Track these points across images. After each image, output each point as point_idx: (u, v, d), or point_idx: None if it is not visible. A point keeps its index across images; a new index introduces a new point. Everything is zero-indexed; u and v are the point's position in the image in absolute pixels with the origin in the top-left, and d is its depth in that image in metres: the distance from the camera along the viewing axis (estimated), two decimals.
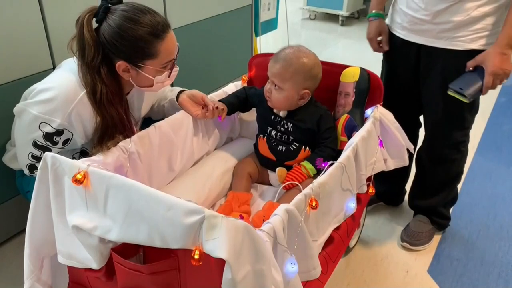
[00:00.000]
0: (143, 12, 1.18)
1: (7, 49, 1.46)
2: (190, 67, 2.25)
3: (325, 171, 1.15)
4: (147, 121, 1.48)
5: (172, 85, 1.59)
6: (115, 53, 1.19)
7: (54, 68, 1.61)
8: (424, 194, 1.76)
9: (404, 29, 1.53)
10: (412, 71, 1.58)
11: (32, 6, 1.49)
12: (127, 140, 1.22)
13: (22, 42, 1.50)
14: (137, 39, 1.16)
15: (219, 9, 2.43)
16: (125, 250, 0.94)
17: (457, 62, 1.45)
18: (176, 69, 1.31)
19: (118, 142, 1.19)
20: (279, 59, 1.37)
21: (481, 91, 1.37)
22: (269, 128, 1.46)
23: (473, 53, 1.42)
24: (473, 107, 1.56)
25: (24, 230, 1.05)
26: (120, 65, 1.20)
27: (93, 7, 1.20)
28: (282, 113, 1.43)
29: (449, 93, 1.40)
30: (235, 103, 1.52)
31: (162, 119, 1.36)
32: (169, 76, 1.27)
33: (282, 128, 1.44)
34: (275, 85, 1.38)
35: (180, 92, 1.47)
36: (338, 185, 1.19)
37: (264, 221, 1.14)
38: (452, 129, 1.58)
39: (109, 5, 1.19)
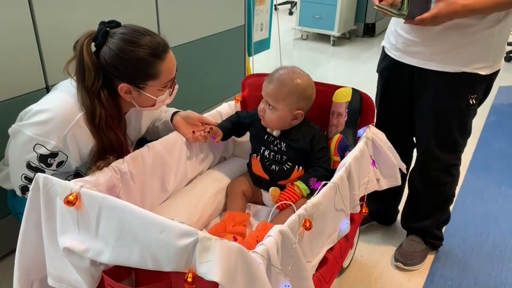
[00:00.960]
0: (143, 34, 1.20)
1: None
2: (183, 86, 2.24)
3: (319, 191, 1.15)
4: (142, 141, 1.48)
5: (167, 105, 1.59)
6: (117, 75, 1.19)
7: (47, 87, 1.61)
8: (416, 216, 1.76)
9: (398, 50, 1.55)
10: (406, 92, 1.59)
11: (25, 24, 1.49)
12: (120, 160, 1.21)
13: (14, 61, 1.49)
14: (139, 61, 1.18)
15: (213, 29, 2.46)
16: (117, 272, 0.93)
17: (449, 84, 1.46)
18: (176, 87, 1.33)
19: (110, 163, 1.18)
20: (273, 80, 1.39)
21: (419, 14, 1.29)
22: (263, 148, 1.46)
23: (463, 76, 1.43)
24: (466, 130, 1.56)
25: (14, 251, 1.03)
26: (123, 87, 1.20)
27: (92, 31, 1.20)
28: (275, 133, 1.44)
29: (375, 7, 1.32)
30: (229, 127, 1.52)
31: (156, 140, 1.36)
32: (170, 95, 1.29)
33: (275, 148, 1.44)
34: (269, 105, 1.39)
35: (175, 113, 1.47)
36: (331, 206, 1.19)
37: (257, 242, 1.13)
38: (444, 151, 1.58)
39: (108, 29, 1.21)
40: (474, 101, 1.49)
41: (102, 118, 1.19)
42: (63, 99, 1.19)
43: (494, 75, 1.49)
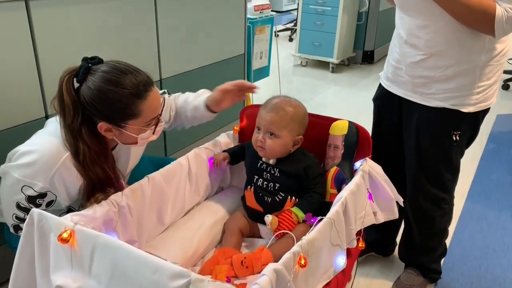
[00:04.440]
0: (124, 72, 1.17)
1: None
2: None
3: (314, 226, 1.15)
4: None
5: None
6: (96, 114, 1.17)
7: (46, 116, 1.62)
8: (412, 248, 1.75)
9: (388, 79, 1.57)
10: (397, 122, 1.60)
11: (26, 52, 1.51)
12: (119, 193, 1.20)
13: (14, 91, 1.51)
14: (118, 101, 1.15)
15: (213, 58, 2.49)
16: None
17: (430, 118, 1.47)
18: (161, 124, 1.30)
19: (109, 196, 1.18)
20: (273, 108, 1.40)
21: None
22: (256, 177, 1.46)
23: (445, 111, 1.43)
24: (451, 166, 1.54)
25: (7, 281, 1.02)
26: (102, 126, 1.19)
27: (73, 67, 1.18)
28: (272, 161, 1.44)
29: None
30: (237, 151, 1.58)
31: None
32: (153, 133, 1.27)
33: (268, 175, 1.44)
34: (270, 133, 1.39)
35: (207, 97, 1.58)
36: (327, 241, 1.18)
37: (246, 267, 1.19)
38: (431, 185, 1.56)
39: (90, 65, 1.18)
40: (457, 138, 1.47)
41: (86, 154, 1.17)
42: (48, 139, 1.18)
43: (480, 114, 1.46)
